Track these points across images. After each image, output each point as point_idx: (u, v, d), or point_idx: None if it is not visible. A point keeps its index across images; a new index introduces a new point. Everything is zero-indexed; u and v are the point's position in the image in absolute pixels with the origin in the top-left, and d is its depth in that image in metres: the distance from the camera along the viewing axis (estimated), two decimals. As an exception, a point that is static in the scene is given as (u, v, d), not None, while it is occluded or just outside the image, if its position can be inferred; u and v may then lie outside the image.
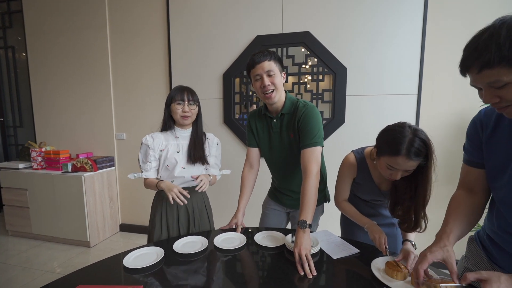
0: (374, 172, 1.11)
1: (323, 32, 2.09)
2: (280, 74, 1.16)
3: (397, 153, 0.88)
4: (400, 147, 0.87)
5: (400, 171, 0.92)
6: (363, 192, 1.17)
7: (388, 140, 0.92)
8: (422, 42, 1.93)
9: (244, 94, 2.32)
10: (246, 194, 1.34)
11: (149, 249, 1.06)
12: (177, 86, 1.27)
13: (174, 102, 1.22)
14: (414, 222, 0.97)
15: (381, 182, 1.11)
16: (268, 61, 1.12)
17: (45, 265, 2.19)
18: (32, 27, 2.76)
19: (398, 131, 0.90)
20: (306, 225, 0.99)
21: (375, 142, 1.03)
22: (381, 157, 0.95)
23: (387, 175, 0.97)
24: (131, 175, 1.25)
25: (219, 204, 2.41)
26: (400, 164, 0.89)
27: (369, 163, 1.12)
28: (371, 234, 1.03)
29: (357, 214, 1.14)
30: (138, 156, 1.26)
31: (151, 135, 1.26)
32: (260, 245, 1.10)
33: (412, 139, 0.87)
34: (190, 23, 2.36)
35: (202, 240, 1.13)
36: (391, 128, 0.95)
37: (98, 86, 2.67)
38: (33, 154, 2.57)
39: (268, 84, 1.13)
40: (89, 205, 2.46)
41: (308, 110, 1.15)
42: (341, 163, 1.19)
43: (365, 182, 1.14)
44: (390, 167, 0.92)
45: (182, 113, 1.22)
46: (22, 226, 2.63)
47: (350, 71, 2.07)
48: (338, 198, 1.22)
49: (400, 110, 2.01)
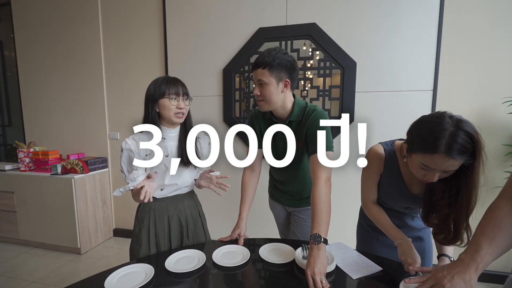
0: (405, 170, 0.93)
1: (331, 24, 1.94)
2: (276, 84, 1.00)
3: (434, 150, 0.70)
4: (438, 143, 0.70)
5: (437, 171, 0.74)
6: (389, 195, 1.00)
7: (423, 133, 0.75)
8: (438, 34, 1.78)
9: (245, 91, 2.17)
10: (249, 201, 1.20)
11: (136, 267, 0.90)
12: (164, 78, 1.05)
13: (165, 96, 1.02)
14: (454, 234, 0.80)
15: (413, 183, 0.93)
16: (261, 69, 0.99)
17: (32, 275, 2.04)
18: (20, 21, 2.61)
19: (435, 123, 0.73)
20: (320, 240, 0.84)
21: (406, 136, 0.85)
22: (413, 154, 0.78)
23: (420, 176, 0.80)
24: (116, 191, 1.03)
25: (215, 211, 2.27)
26: (437, 163, 0.72)
27: (399, 158, 0.94)
28: (402, 255, 0.86)
29: (387, 224, 0.95)
30: (120, 166, 1.06)
31: (132, 137, 1.06)
32: (266, 261, 0.95)
33: (454, 133, 0.69)
34: (188, 15, 2.21)
35: (198, 255, 0.98)
36: (427, 119, 0.77)
37: (90, 82, 2.51)
38: (21, 154, 2.42)
39: (257, 94, 1.03)
40: (80, 209, 2.30)
41: (318, 116, 1.04)
42: (366, 156, 1.01)
43: (392, 182, 0.96)
44: (424, 167, 0.75)
45: (178, 110, 1.03)
46: (9, 232, 2.47)
47: (360, 66, 1.92)
48: (365, 200, 1.05)
49: (414, 107, 1.86)
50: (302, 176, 1.18)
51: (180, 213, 1.13)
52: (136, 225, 1.13)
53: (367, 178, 1.02)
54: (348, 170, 1.96)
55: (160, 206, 1.10)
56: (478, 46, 1.75)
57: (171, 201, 1.12)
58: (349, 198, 2.00)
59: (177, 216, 1.12)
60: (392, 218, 0.99)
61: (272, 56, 0.98)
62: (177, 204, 1.13)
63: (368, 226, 1.11)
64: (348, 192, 1.99)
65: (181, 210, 1.13)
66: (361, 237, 1.16)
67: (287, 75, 1.02)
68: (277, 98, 1.04)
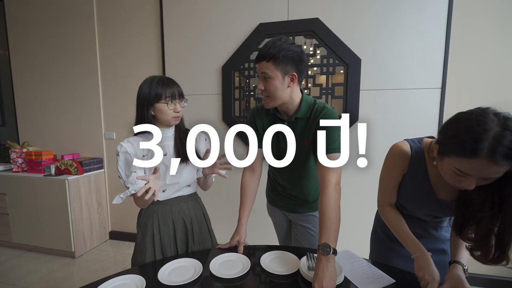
0: (433, 172, 0.82)
1: (335, 19, 1.86)
2: (282, 78, 0.92)
3: (474, 154, 0.59)
4: (479, 146, 0.58)
5: (475, 178, 0.63)
6: (410, 199, 0.89)
7: (460, 134, 0.62)
8: (447, 30, 1.70)
9: (245, 89, 2.09)
10: (249, 205, 1.12)
11: (127, 278, 0.83)
12: (159, 79, 0.98)
13: (162, 101, 0.96)
14: (498, 252, 0.67)
15: (440, 187, 0.82)
16: (266, 62, 0.90)
17: (23, 280, 1.96)
18: (14, 18, 2.53)
19: (476, 121, 0.60)
20: (329, 251, 0.76)
21: (437, 136, 0.74)
22: (446, 157, 0.66)
23: (452, 182, 0.69)
24: (116, 199, 0.96)
25: (217, 213, 2.18)
26: (477, 169, 0.61)
27: (427, 158, 0.83)
28: (420, 271, 0.77)
29: (405, 233, 0.85)
30: (118, 170, 0.99)
31: (127, 140, 1.00)
32: (268, 272, 0.87)
33: (501, 134, 0.57)
34: (186, 10, 2.13)
35: (194, 265, 0.91)
36: (465, 117, 0.64)
37: (85, 81, 2.43)
38: (13, 155, 2.34)
39: (261, 88, 0.94)
40: (74, 211, 2.22)
41: (327, 114, 0.95)
42: (388, 153, 0.90)
43: (417, 184, 0.85)
44: (460, 173, 0.64)
45: (175, 114, 0.98)
46: (2, 234, 2.40)
47: (364, 63, 1.84)
48: (382, 202, 0.95)
49: (421, 106, 1.79)
50: (306, 178, 1.10)
51: (184, 215, 1.07)
52: (138, 232, 1.07)
53: (387, 178, 0.91)
54: (353, 171, 1.89)
55: (163, 209, 1.05)
56: (489, 42, 1.67)
57: (174, 203, 1.06)
58: (355, 201, 1.93)
59: (182, 218, 1.06)
60: (413, 226, 0.88)
61: (277, 47, 0.89)
62: (180, 206, 1.07)
63: (384, 234, 1.02)
64: (354, 194, 1.92)
65: (185, 213, 1.07)
66: (375, 246, 1.07)
67: (294, 68, 0.93)
68: (283, 94, 0.95)
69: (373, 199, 1.03)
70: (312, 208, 1.14)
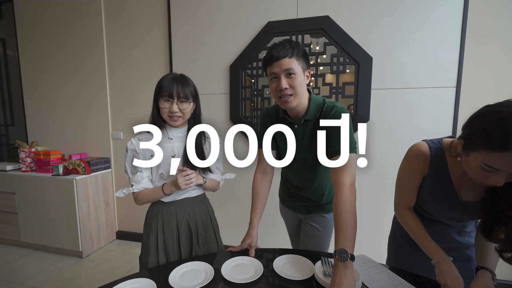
0: (455, 173, 0.80)
1: (345, 17, 1.82)
2: (303, 74, 0.92)
3: (505, 147, 0.58)
4: (510, 138, 0.57)
5: (504, 173, 0.61)
6: (432, 202, 0.86)
7: (488, 127, 0.61)
8: (462, 27, 1.65)
9: (253, 89, 2.07)
10: (260, 207, 1.09)
11: (137, 282, 0.81)
12: (168, 76, 0.99)
13: (159, 98, 0.96)
14: None
15: (464, 188, 0.79)
16: (289, 58, 0.88)
17: (31, 279, 1.97)
18: (22, 18, 2.55)
19: (505, 114, 0.59)
20: (347, 257, 0.73)
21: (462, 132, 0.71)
22: (473, 152, 0.65)
23: (479, 179, 0.67)
24: (119, 192, 0.97)
25: (225, 216, 2.16)
26: (507, 163, 0.59)
27: (449, 158, 0.80)
28: (441, 277, 0.74)
29: (424, 236, 0.82)
30: (125, 166, 1.00)
31: (137, 137, 1.00)
32: (281, 277, 0.84)
33: None
34: (193, 9, 2.11)
35: (206, 268, 0.88)
36: (494, 109, 0.63)
37: (93, 80, 2.43)
38: (22, 154, 2.35)
39: (285, 87, 0.89)
40: (82, 211, 2.22)
41: (338, 113, 0.92)
42: (406, 154, 0.88)
43: (439, 186, 0.82)
44: (488, 168, 0.62)
45: (170, 114, 0.96)
46: (11, 233, 2.41)
47: (376, 61, 1.79)
48: (398, 204, 0.92)
49: (435, 105, 1.73)
50: (319, 181, 1.07)
51: (189, 217, 1.04)
52: (144, 231, 1.06)
53: (404, 179, 0.89)
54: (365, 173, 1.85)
55: (168, 210, 1.03)
56: (506, 39, 1.62)
57: (179, 205, 1.04)
58: (371, 202, 1.89)
59: (186, 221, 1.04)
60: (435, 230, 0.85)
61: (293, 44, 0.89)
62: (186, 208, 1.05)
63: (403, 238, 0.98)
64: (369, 195, 1.87)
65: (190, 215, 1.05)
66: (393, 251, 1.02)
67: (306, 65, 0.93)
68: (305, 91, 0.95)
69: (387, 201, 0.99)
70: (324, 209, 1.12)
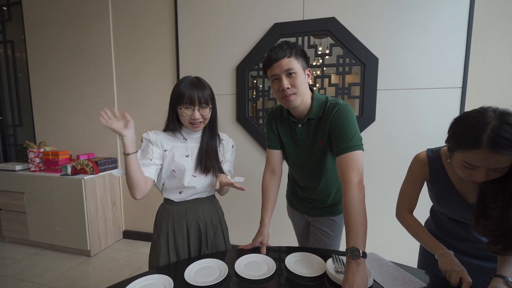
0: (455, 178, 0.86)
1: (351, 18, 1.84)
2: (303, 72, 0.94)
3: (475, 145, 0.66)
4: (478, 137, 0.65)
5: (483, 169, 0.68)
6: (446, 205, 0.91)
7: (463, 128, 0.70)
8: (468, 28, 1.66)
9: (260, 89, 2.09)
10: (271, 206, 1.11)
11: (154, 278, 0.83)
12: (185, 80, 0.98)
13: (180, 105, 0.96)
14: None
15: (467, 191, 0.85)
16: (287, 58, 0.90)
17: (41, 277, 1.99)
18: (31, 20, 2.58)
19: (476, 118, 0.68)
20: (358, 254, 0.74)
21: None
22: (455, 152, 0.73)
23: (466, 177, 0.74)
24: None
25: (234, 216, 2.18)
26: (481, 160, 0.67)
27: (445, 164, 0.88)
28: (446, 265, 0.78)
29: (426, 235, 0.88)
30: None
31: (153, 131, 1.02)
32: (294, 273, 0.86)
33: (498, 126, 0.64)
34: (200, 10, 2.14)
35: (220, 265, 0.90)
36: (467, 115, 0.72)
37: (100, 81, 2.47)
38: (31, 155, 2.38)
39: (287, 87, 0.91)
40: (90, 210, 2.25)
41: (341, 110, 0.94)
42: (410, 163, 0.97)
43: (442, 189, 0.89)
44: (468, 165, 0.70)
45: (192, 120, 0.97)
46: (19, 232, 2.44)
47: (382, 62, 1.81)
48: (398, 207, 0.99)
49: (441, 106, 1.75)
50: (325, 180, 1.07)
51: (199, 219, 1.05)
52: (154, 231, 1.07)
53: (406, 184, 0.97)
54: (372, 172, 1.86)
55: (179, 211, 1.04)
56: (511, 40, 1.63)
57: (190, 206, 1.05)
58: (379, 201, 1.90)
59: (196, 221, 1.05)
60: (459, 229, 0.90)
61: (290, 45, 0.92)
62: (196, 209, 1.05)
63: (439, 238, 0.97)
64: (376, 195, 1.88)
65: (200, 216, 1.06)
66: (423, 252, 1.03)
67: (306, 64, 0.96)
68: (307, 89, 0.98)
69: (394, 201, 1.02)
70: (331, 212, 1.13)
